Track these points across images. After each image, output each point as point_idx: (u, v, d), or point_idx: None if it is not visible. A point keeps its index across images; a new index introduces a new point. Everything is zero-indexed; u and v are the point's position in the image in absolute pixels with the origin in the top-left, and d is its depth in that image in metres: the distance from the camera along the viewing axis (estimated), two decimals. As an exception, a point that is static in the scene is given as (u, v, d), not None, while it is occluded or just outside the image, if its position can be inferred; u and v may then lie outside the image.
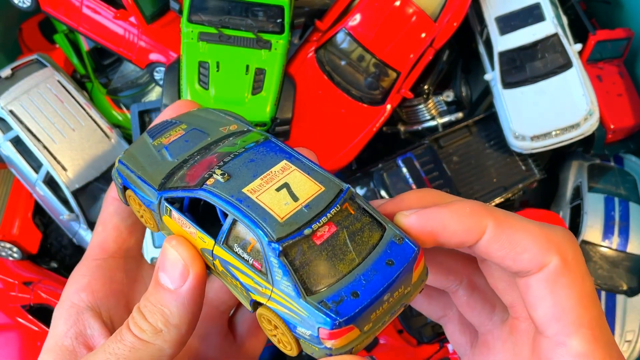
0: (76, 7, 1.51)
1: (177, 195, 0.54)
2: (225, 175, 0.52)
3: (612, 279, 1.52)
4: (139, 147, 0.60)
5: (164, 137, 0.60)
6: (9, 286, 1.51)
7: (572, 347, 0.49)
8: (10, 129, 1.50)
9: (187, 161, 0.57)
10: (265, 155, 0.54)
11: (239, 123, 0.61)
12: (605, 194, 1.60)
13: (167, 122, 0.62)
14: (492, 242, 0.50)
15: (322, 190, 0.50)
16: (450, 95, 1.64)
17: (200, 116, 0.63)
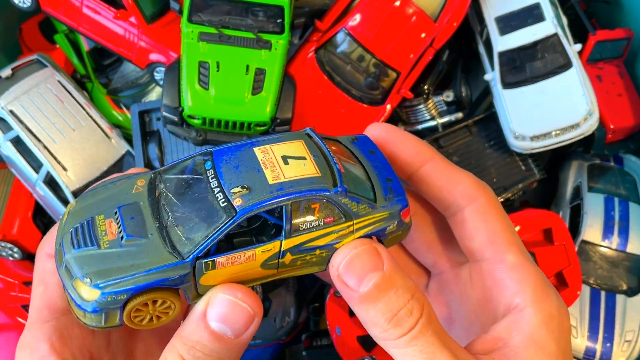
0: (76, 7, 1.51)
1: (212, 241, 0.53)
2: (244, 188, 0.54)
3: (612, 279, 1.52)
4: (95, 265, 0.53)
5: (103, 237, 0.54)
6: (9, 286, 1.51)
7: (509, 261, 0.59)
8: (10, 129, 1.50)
9: (166, 225, 0.55)
10: (234, 156, 0.56)
11: (140, 176, 0.60)
12: (605, 194, 1.61)
13: (79, 228, 0.56)
14: (435, 169, 0.62)
15: (303, 141, 0.59)
16: (450, 95, 1.65)
17: (96, 201, 0.58)
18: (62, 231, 0.56)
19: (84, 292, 0.52)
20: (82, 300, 0.52)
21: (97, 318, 0.53)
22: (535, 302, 0.56)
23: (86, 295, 0.52)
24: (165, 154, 1.53)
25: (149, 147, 1.52)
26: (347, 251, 0.55)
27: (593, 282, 1.52)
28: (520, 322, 0.56)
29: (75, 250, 0.53)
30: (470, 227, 0.61)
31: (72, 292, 0.53)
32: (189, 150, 1.54)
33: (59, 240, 0.56)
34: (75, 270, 0.53)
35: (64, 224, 0.57)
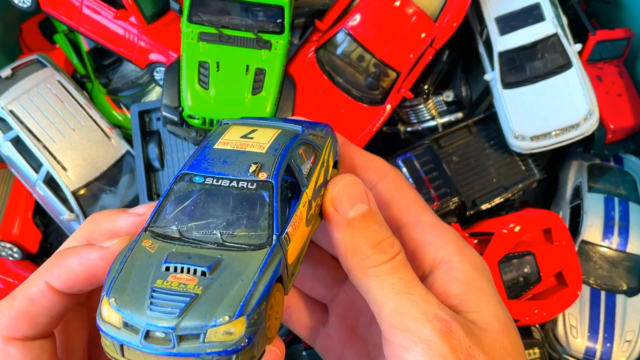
0: (76, 7, 1.51)
1: (277, 216, 0.52)
2: (255, 164, 0.55)
3: (612, 279, 1.52)
4: (219, 304, 0.48)
5: (187, 289, 0.49)
6: (9, 286, 1.51)
7: (426, 221, 0.64)
8: (10, 129, 1.50)
9: (223, 240, 0.52)
10: (210, 159, 0.57)
11: (135, 244, 0.55)
12: (605, 194, 1.61)
13: (155, 304, 0.49)
14: (346, 153, 0.68)
15: (233, 126, 0.63)
16: (450, 95, 1.65)
17: (133, 286, 0.51)
18: (139, 319, 0.48)
19: (236, 330, 0.47)
20: (237, 338, 0.47)
21: (253, 346, 0.49)
22: (459, 253, 0.60)
23: (239, 331, 0.47)
24: (165, 154, 1.53)
25: (148, 147, 1.52)
26: (341, 179, 0.58)
27: (593, 282, 1.52)
28: (452, 272, 0.59)
29: (177, 314, 0.47)
30: (386, 197, 0.65)
31: (223, 337, 0.47)
32: (189, 150, 1.54)
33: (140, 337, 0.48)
34: (213, 318, 0.47)
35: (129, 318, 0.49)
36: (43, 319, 0.57)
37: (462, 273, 0.59)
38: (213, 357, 0.47)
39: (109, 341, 0.49)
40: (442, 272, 0.60)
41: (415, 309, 0.53)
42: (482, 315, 0.57)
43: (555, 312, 1.44)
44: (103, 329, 0.48)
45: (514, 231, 1.45)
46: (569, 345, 1.48)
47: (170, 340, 0.47)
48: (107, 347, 0.49)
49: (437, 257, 0.61)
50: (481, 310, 0.57)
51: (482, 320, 0.57)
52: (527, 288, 1.46)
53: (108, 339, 0.48)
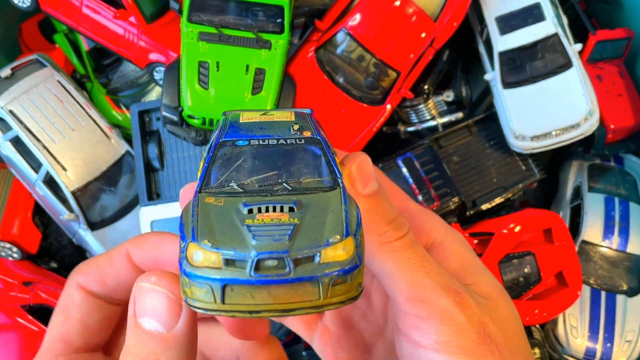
0: (76, 7, 1.51)
1: (334, 163, 0.53)
2: (296, 124, 0.56)
3: (612, 279, 1.52)
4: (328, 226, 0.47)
5: (282, 221, 0.47)
6: (9, 286, 1.51)
7: (412, 209, 0.64)
8: (10, 129, 1.49)
9: (297, 183, 0.52)
10: (244, 128, 0.57)
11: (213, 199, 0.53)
12: (605, 194, 1.60)
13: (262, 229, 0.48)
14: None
15: (242, 113, 0.60)
16: (450, 95, 1.64)
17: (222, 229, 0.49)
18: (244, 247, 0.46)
19: (348, 248, 0.46)
20: (350, 257, 0.46)
21: (362, 268, 0.48)
22: (448, 235, 0.62)
23: (351, 249, 0.46)
24: (164, 154, 1.53)
25: (148, 147, 1.52)
26: (355, 157, 0.57)
27: (593, 282, 1.52)
28: (445, 252, 0.61)
29: (288, 238, 0.45)
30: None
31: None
32: (188, 150, 1.54)
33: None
34: (324, 238, 0.46)
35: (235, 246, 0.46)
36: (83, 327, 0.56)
37: (454, 252, 0.62)
38: (331, 277, 0.45)
39: (206, 288, 0.44)
40: (436, 253, 0.62)
41: (431, 281, 0.55)
42: (480, 286, 0.60)
43: (555, 312, 1.44)
44: (198, 275, 0.43)
45: (514, 231, 1.45)
46: (569, 345, 1.47)
47: (285, 267, 0.44)
48: (199, 299, 0.45)
49: (428, 240, 0.63)
50: (479, 282, 0.60)
51: (482, 291, 0.60)
52: (528, 288, 1.46)
53: (205, 285, 0.44)
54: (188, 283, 0.44)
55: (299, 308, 0.45)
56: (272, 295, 0.44)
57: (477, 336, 0.54)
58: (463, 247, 0.63)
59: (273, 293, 0.44)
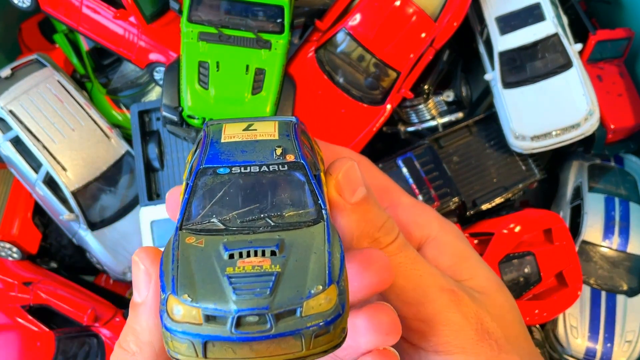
0: (76, 7, 1.51)
1: (320, 195, 0.52)
2: (279, 147, 0.54)
3: (613, 279, 1.52)
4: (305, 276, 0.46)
5: (264, 268, 0.46)
6: (9, 286, 1.51)
7: (406, 203, 0.65)
8: (10, 129, 1.49)
9: (280, 221, 0.50)
10: (226, 151, 0.55)
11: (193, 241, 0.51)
12: (605, 194, 1.60)
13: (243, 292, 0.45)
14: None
15: (225, 124, 0.58)
16: (450, 95, 1.64)
17: (201, 277, 0.47)
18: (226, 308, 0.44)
19: (330, 298, 0.45)
20: (333, 307, 0.45)
21: (345, 315, 0.47)
22: (442, 228, 0.63)
23: (333, 299, 0.45)
24: (164, 154, 1.53)
25: (148, 147, 1.51)
26: (341, 164, 0.56)
27: (593, 282, 1.52)
28: (440, 247, 0.62)
29: (268, 293, 0.43)
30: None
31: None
32: (188, 151, 1.54)
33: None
34: (306, 289, 0.44)
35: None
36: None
37: (449, 246, 0.62)
38: (313, 330, 0.44)
39: (187, 343, 0.43)
40: (430, 248, 0.62)
41: (425, 284, 0.55)
42: (476, 280, 0.60)
43: (555, 312, 1.44)
44: (179, 330, 0.43)
45: (515, 231, 1.45)
46: (570, 345, 1.47)
47: (266, 322, 0.43)
48: (182, 352, 0.44)
49: (423, 235, 0.63)
50: (475, 277, 0.60)
51: (478, 285, 0.60)
52: (528, 288, 1.46)
53: (186, 340, 0.43)
54: (169, 337, 0.44)
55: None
56: (254, 350, 0.44)
57: (475, 334, 0.55)
58: (458, 239, 0.63)
59: (255, 348, 0.43)
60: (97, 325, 1.48)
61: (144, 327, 0.49)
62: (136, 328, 0.49)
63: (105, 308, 1.52)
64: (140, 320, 0.49)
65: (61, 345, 1.44)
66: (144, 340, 0.49)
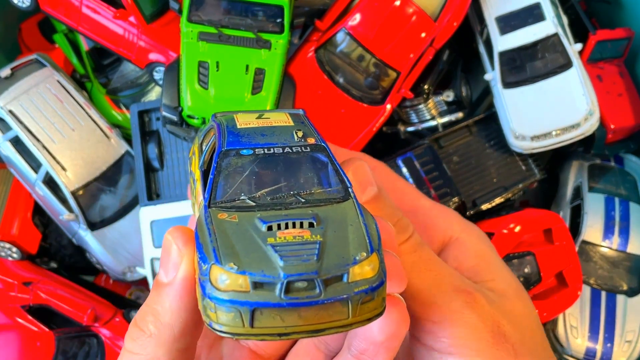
0: (76, 7, 1.51)
1: (344, 175, 0.53)
2: (299, 131, 0.55)
3: (613, 279, 1.52)
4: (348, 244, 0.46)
5: (309, 238, 0.45)
6: (9, 286, 1.51)
7: (425, 205, 0.65)
8: (9, 129, 1.49)
9: (307, 195, 0.50)
10: (247, 135, 0.55)
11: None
12: (605, 194, 1.60)
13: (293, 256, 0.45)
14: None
15: (219, 116, 0.59)
16: (450, 95, 1.64)
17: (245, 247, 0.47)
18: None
19: (374, 265, 0.45)
20: (376, 273, 0.45)
21: (385, 283, 0.47)
22: (464, 230, 0.62)
23: (377, 266, 0.45)
24: (164, 154, 1.53)
25: (148, 147, 1.51)
26: (350, 163, 0.55)
27: (593, 282, 1.52)
28: (462, 248, 0.61)
29: (316, 259, 0.44)
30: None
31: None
32: (189, 150, 1.53)
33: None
34: (351, 256, 0.45)
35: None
36: None
37: (471, 247, 0.61)
38: (360, 296, 0.44)
39: (234, 312, 0.42)
40: (453, 249, 0.61)
41: (440, 284, 0.54)
42: (497, 283, 0.59)
43: (555, 312, 1.44)
44: (226, 299, 0.42)
45: (515, 231, 1.45)
46: (570, 345, 1.47)
47: (314, 288, 0.43)
48: (226, 323, 0.43)
49: (445, 236, 0.62)
50: (495, 279, 0.59)
51: (498, 288, 0.58)
52: (528, 288, 1.46)
53: (233, 309, 0.42)
54: (213, 307, 0.43)
55: (328, 328, 0.44)
56: (302, 317, 0.43)
57: (492, 336, 0.53)
58: (481, 241, 0.62)
59: (303, 314, 0.43)
60: (97, 325, 1.48)
61: (166, 309, 0.47)
62: (157, 309, 0.48)
63: (105, 308, 1.52)
64: (163, 301, 0.48)
65: (61, 345, 1.44)
66: (164, 322, 0.47)
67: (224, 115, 0.58)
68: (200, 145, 0.59)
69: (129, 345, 0.48)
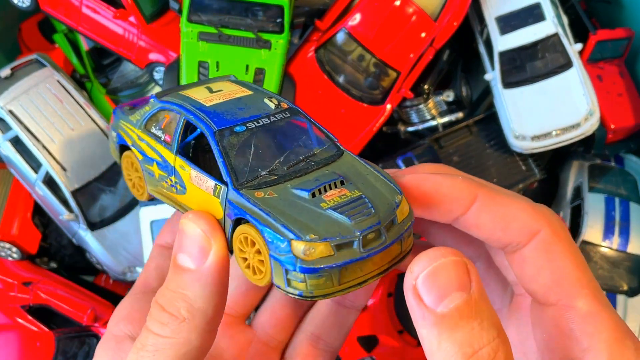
0: (76, 7, 1.51)
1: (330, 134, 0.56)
2: (271, 100, 0.58)
3: (613, 279, 1.52)
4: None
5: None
6: (9, 286, 1.51)
7: (580, 308, 0.49)
8: (9, 129, 1.49)
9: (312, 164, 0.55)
10: (228, 110, 0.57)
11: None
12: (605, 194, 1.60)
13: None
14: (482, 211, 0.52)
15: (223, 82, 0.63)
16: (450, 95, 1.64)
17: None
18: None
19: (406, 204, 0.52)
20: (409, 211, 0.53)
21: None
22: (612, 353, 0.48)
23: (407, 205, 0.53)
24: (164, 154, 1.53)
25: (148, 147, 1.51)
26: (432, 257, 0.43)
27: (594, 282, 1.51)
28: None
29: (373, 211, 0.50)
30: (530, 268, 0.51)
31: None
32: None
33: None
34: (392, 201, 0.51)
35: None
36: None
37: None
38: (408, 233, 0.51)
39: (325, 276, 0.47)
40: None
41: None
42: None
43: (555, 312, 1.44)
44: (317, 267, 0.46)
45: (515, 231, 1.45)
46: (570, 345, 1.47)
47: (380, 236, 0.49)
48: (318, 287, 0.47)
49: (583, 359, 0.49)
50: None
51: None
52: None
53: (324, 274, 0.47)
54: (302, 277, 0.47)
55: (390, 266, 0.51)
56: (374, 262, 0.49)
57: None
58: (556, 251, 0.51)
59: (374, 260, 0.49)
60: (97, 325, 1.48)
61: (198, 295, 0.49)
62: (188, 294, 0.49)
63: (105, 308, 1.52)
64: (193, 287, 0.49)
65: (61, 345, 1.44)
66: (197, 307, 0.49)
67: (172, 96, 0.58)
68: (147, 130, 0.59)
69: (157, 329, 0.49)
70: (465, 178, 0.54)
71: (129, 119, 0.62)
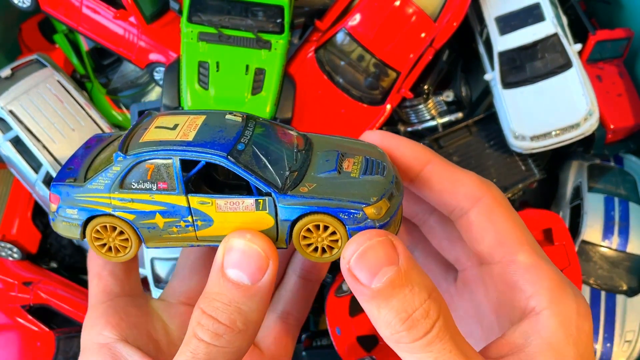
0: (76, 7, 1.51)
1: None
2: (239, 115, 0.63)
3: (612, 279, 1.52)
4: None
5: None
6: (9, 286, 1.51)
7: (522, 262, 0.56)
8: (10, 129, 1.49)
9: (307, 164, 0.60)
10: (212, 126, 0.60)
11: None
12: (605, 194, 1.60)
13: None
14: (434, 172, 0.60)
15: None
16: (450, 95, 1.64)
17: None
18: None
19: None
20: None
21: None
22: (552, 304, 0.53)
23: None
24: (164, 154, 1.53)
25: (148, 147, 1.51)
26: (360, 242, 0.50)
27: (593, 282, 1.52)
28: (536, 326, 0.53)
29: (385, 172, 0.58)
30: (476, 230, 0.58)
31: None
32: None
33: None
34: (383, 163, 0.60)
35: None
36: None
37: (546, 330, 0.53)
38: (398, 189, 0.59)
39: (393, 222, 0.57)
40: (526, 324, 0.54)
41: None
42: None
43: (555, 312, 1.44)
44: (389, 218, 0.56)
45: (514, 231, 1.45)
46: (569, 345, 1.47)
47: (398, 188, 0.58)
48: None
49: (527, 306, 0.55)
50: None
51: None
52: (527, 288, 1.46)
53: (392, 221, 0.57)
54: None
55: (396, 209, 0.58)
56: (394, 206, 0.58)
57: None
58: (563, 326, 0.53)
59: (393, 203, 0.58)
60: (97, 325, 1.48)
61: (254, 308, 0.53)
62: (243, 309, 0.52)
63: (105, 308, 1.52)
64: (250, 302, 0.52)
65: (61, 345, 1.44)
66: (252, 320, 0.53)
67: (140, 147, 0.57)
68: (126, 189, 0.58)
69: (211, 340, 0.51)
70: (423, 145, 0.63)
71: (87, 189, 0.58)
